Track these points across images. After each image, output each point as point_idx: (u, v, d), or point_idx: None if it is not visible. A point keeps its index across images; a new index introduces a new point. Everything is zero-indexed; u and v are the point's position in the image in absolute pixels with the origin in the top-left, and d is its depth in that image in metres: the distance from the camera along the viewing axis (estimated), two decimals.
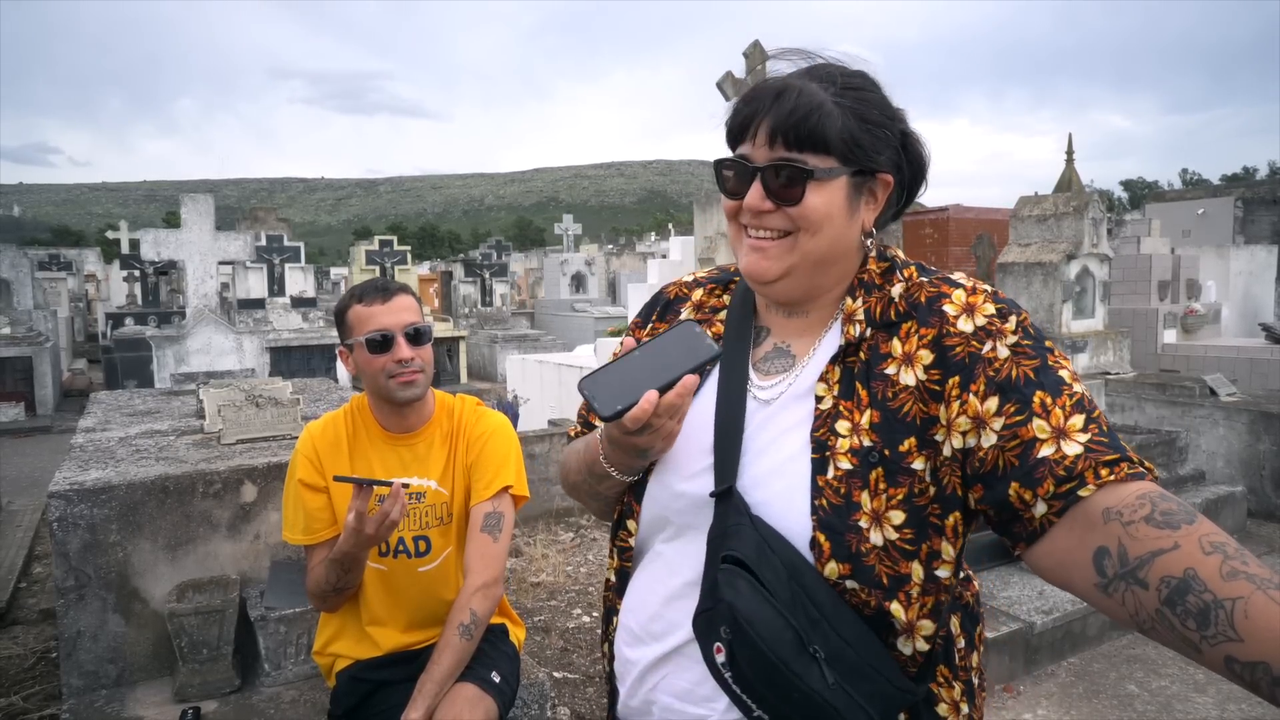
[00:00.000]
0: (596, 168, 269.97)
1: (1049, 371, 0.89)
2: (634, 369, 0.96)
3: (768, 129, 0.94)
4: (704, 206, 6.18)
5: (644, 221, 72.66)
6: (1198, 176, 55.93)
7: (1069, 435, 0.85)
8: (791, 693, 0.86)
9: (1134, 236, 10.38)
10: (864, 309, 0.99)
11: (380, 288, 1.84)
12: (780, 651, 0.86)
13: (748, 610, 0.88)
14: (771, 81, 0.97)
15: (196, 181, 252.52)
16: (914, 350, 0.94)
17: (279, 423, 3.10)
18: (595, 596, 4.30)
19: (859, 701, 0.87)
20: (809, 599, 0.89)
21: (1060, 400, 0.87)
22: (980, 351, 0.91)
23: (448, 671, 1.68)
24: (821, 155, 0.93)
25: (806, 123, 0.92)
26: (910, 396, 0.93)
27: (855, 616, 0.91)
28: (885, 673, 0.89)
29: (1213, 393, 5.84)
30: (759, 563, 0.90)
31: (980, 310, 0.93)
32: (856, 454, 0.92)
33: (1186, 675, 3.44)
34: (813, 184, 0.93)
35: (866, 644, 0.90)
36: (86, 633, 2.46)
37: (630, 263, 23.52)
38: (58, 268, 20.45)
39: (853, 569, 0.90)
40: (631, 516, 1.09)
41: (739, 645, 0.88)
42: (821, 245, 0.96)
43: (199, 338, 6.79)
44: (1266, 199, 16.66)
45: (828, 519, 0.91)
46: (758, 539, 0.92)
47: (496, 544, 1.81)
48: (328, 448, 1.87)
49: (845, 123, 0.93)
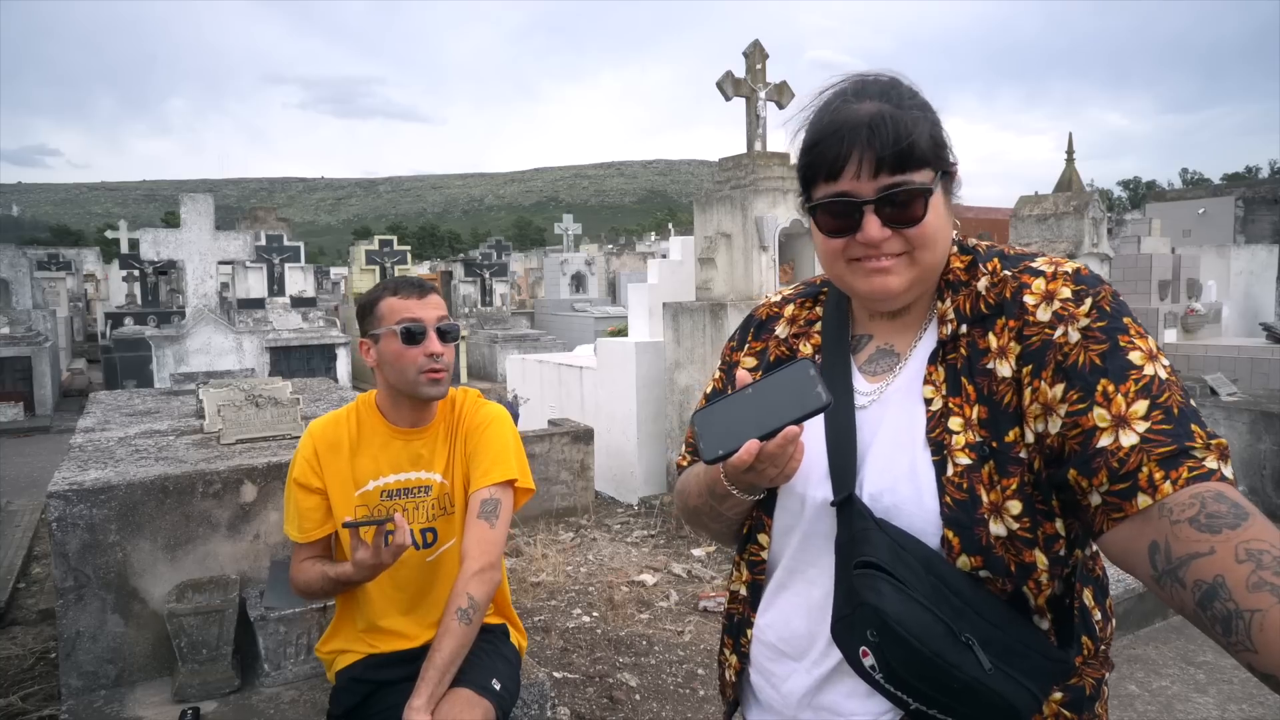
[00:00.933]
0: (596, 167, 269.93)
1: (1117, 355, 0.90)
2: (743, 409, 0.97)
3: (872, 159, 0.94)
4: (704, 206, 6.17)
5: (644, 221, 72.63)
6: (1199, 176, 55.92)
7: (1129, 423, 0.86)
8: (951, 683, 0.88)
9: (1134, 236, 10.38)
10: (954, 307, 1.01)
11: (417, 284, 1.87)
12: (934, 645, 0.87)
13: (895, 610, 0.89)
14: (851, 113, 0.96)
15: (196, 181, 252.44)
16: (1006, 344, 0.96)
17: (279, 422, 3.10)
18: (595, 596, 4.30)
19: (1019, 680, 0.89)
20: (950, 590, 0.91)
21: (1124, 386, 0.87)
22: (1052, 337, 0.93)
23: (449, 658, 1.68)
24: (921, 171, 0.95)
25: (908, 144, 0.94)
26: (1008, 388, 0.95)
27: (996, 599, 0.93)
28: (1037, 648, 0.92)
29: (1213, 392, 5.84)
30: (894, 563, 0.92)
31: (1057, 296, 0.95)
32: (973, 448, 0.94)
33: (1187, 675, 3.43)
34: (926, 204, 0.96)
35: (1013, 624, 0.92)
36: (86, 633, 2.46)
37: (630, 262, 23.52)
38: (57, 267, 20.46)
39: (984, 560, 0.93)
40: (763, 530, 1.11)
41: (889, 646, 0.90)
42: (939, 255, 1.00)
43: (198, 337, 6.79)
44: (1267, 198, 16.66)
45: (954, 515, 0.94)
46: (888, 541, 0.94)
47: (494, 530, 1.80)
48: (328, 449, 1.87)
49: (929, 134, 0.96)
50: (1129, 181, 57.50)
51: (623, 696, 3.28)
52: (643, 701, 3.25)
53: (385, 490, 1.87)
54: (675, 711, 3.19)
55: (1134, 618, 3.81)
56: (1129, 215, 17.23)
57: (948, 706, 0.91)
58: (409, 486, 1.89)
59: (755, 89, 6.06)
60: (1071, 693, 0.98)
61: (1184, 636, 3.77)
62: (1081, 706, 0.99)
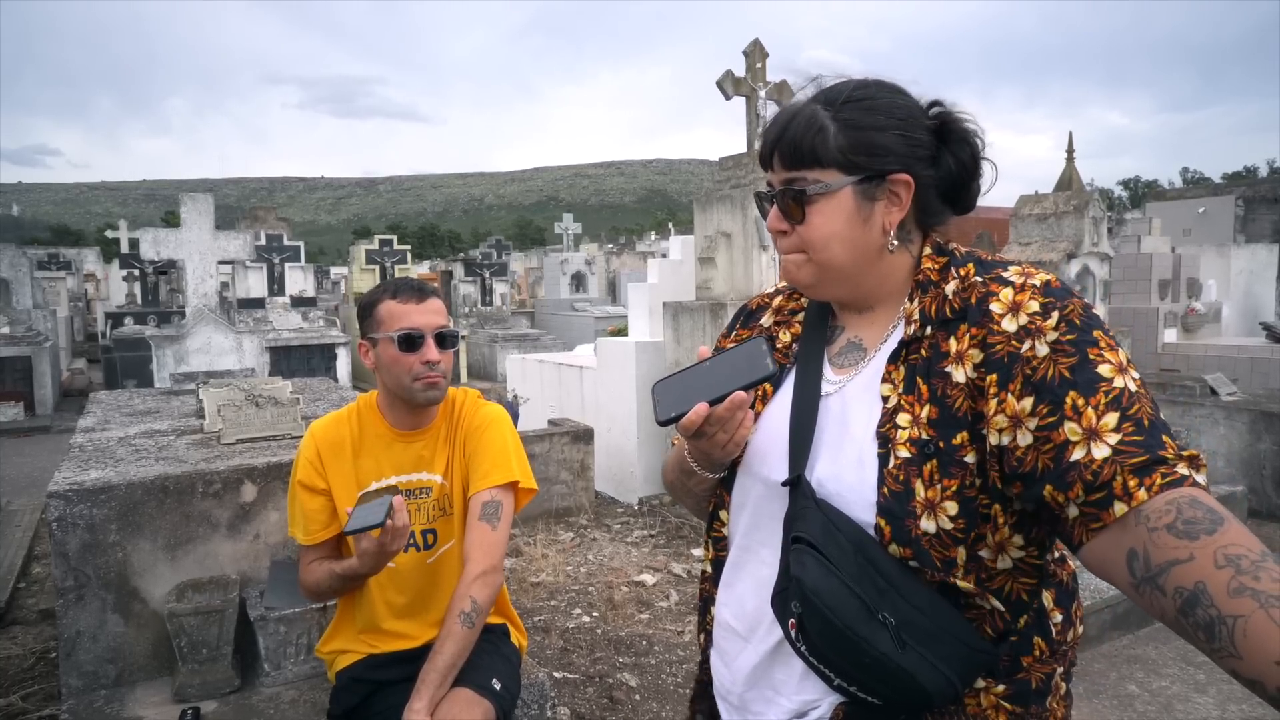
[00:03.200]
0: (596, 167, 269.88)
1: (1086, 368, 0.90)
2: (699, 379, 1.04)
3: (779, 155, 1.02)
4: (704, 206, 6.17)
5: (644, 221, 72.63)
6: (1199, 175, 55.85)
7: (1100, 436, 0.86)
8: (862, 658, 0.92)
9: (1134, 235, 10.38)
10: (920, 308, 1.02)
11: (416, 287, 1.85)
12: (846, 618, 0.92)
13: (813, 582, 0.94)
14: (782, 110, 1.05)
15: (196, 181, 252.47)
16: (965, 349, 0.97)
17: (279, 422, 3.10)
18: (595, 596, 4.30)
19: (934, 664, 0.91)
20: (877, 572, 0.94)
21: (1094, 399, 0.87)
22: (1019, 351, 0.93)
23: (451, 661, 1.68)
24: (823, 170, 1.00)
25: (803, 143, 1.00)
26: (961, 393, 0.96)
27: (924, 586, 0.95)
28: (960, 636, 0.94)
29: (1213, 392, 5.84)
30: (824, 541, 0.96)
31: (1024, 309, 0.95)
32: (915, 444, 0.96)
33: (1187, 675, 3.43)
34: (814, 203, 1.00)
35: (938, 610, 0.94)
36: (86, 633, 2.46)
37: (630, 262, 23.51)
38: (57, 267, 20.46)
39: (913, 552, 0.95)
40: (724, 507, 1.17)
41: (808, 617, 0.94)
42: (836, 257, 1.03)
43: (198, 337, 6.79)
44: (1267, 198, 16.66)
45: (887, 505, 0.96)
46: (823, 519, 0.98)
47: (495, 532, 1.80)
48: (330, 449, 1.87)
49: (844, 136, 0.98)
50: (1128, 181, 57.47)
51: (623, 696, 3.28)
52: (643, 701, 3.25)
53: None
54: (675, 711, 3.19)
55: (1134, 618, 3.81)
56: (1129, 214, 17.22)
57: (865, 684, 0.94)
58: (411, 488, 1.89)
59: (755, 88, 6.06)
60: (1015, 686, 0.99)
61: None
62: (1028, 700, 1.00)
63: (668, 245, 7.96)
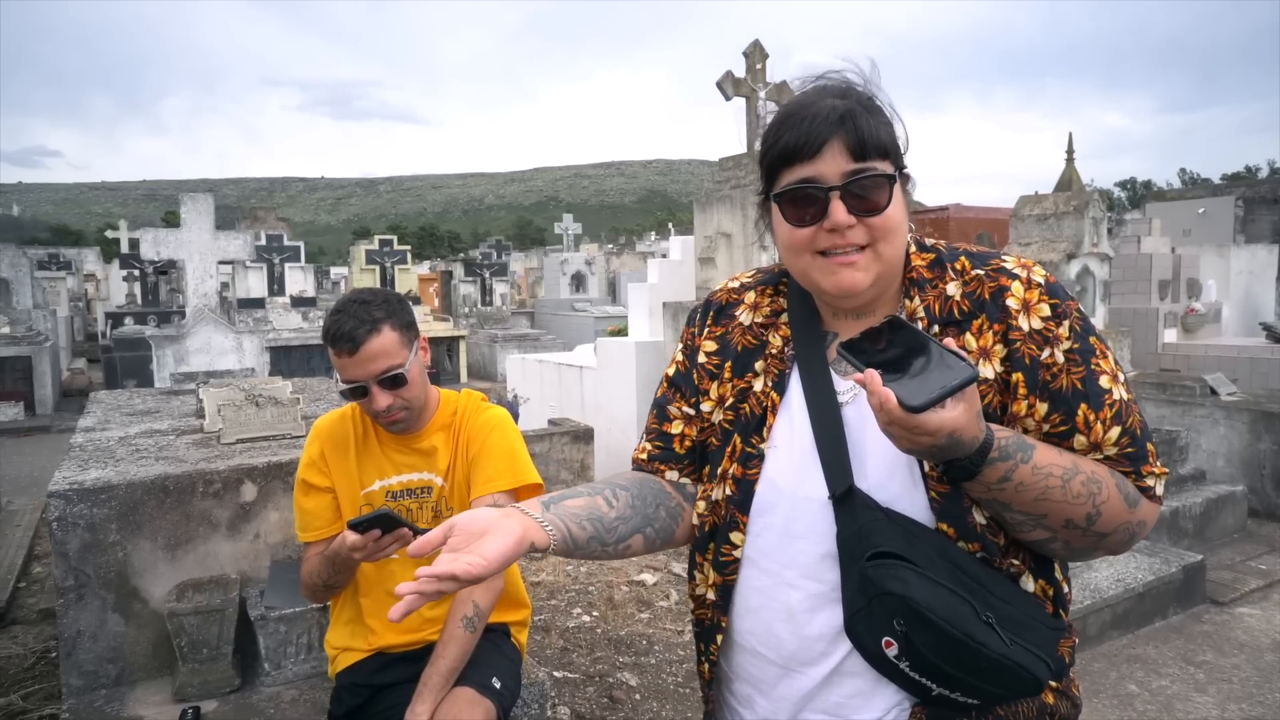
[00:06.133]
0: (596, 167, 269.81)
1: (1092, 380, 0.97)
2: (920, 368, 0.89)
3: (843, 145, 0.95)
4: (704, 206, 6.17)
5: (644, 221, 72.57)
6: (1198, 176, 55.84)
7: (1102, 449, 0.97)
8: (980, 663, 0.91)
9: (1134, 236, 10.37)
10: (923, 307, 1.02)
11: (348, 336, 1.68)
12: (963, 626, 0.91)
13: (922, 596, 0.91)
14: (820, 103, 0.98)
15: (196, 181, 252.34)
16: (990, 345, 0.98)
17: (279, 422, 3.10)
18: (595, 596, 4.30)
19: (1034, 652, 0.94)
20: (963, 573, 0.94)
21: (1102, 414, 0.96)
22: (1040, 357, 0.97)
23: (452, 665, 1.68)
24: (884, 161, 0.97)
25: (878, 133, 0.96)
26: (990, 389, 0.98)
27: (1003, 577, 0.98)
28: (1040, 619, 0.97)
29: (1213, 392, 5.84)
30: (911, 551, 0.93)
31: (1035, 310, 0.98)
32: None
33: (1187, 675, 3.43)
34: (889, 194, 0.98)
35: (1019, 599, 0.97)
36: (86, 632, 2.46)
37: (630, 262, 23.51)
38: (57, 267, 20.44)
39: (981, 545, 0.97)
40: (737, 529, 1.08)
41: (917, 632, 0.91)
42: (899, 248, 1.02)
43: (199, 337, 6.79)
44: (1267, 198, 16.65)
45: (943, 506, 0.97)
46: (901, 529, 0.95)
47: None
48: (333, 448, 1.88)
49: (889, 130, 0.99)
50: (1126, 181, 57.42)
51: (623, 696, 3.28)
52: (643, 701, 3.25)
53: (389, 491, 1.88)
54: (675, 711, 3.19)
55: (1134, 618, 3.81)
56: (1129, 215, 17.22)
57: (972, 687, 0.93)
58: (412, 488, 1.89)
59: (755, 89, 6.06)
60: (1056, 664, 1.01)
61: (1184, 636, 3.78)
62: (1063, 674, 1.04)
63: (668, 245, 7.96)
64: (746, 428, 1.09)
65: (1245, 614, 4.00)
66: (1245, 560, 4.62)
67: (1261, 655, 3.56)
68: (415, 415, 1.84)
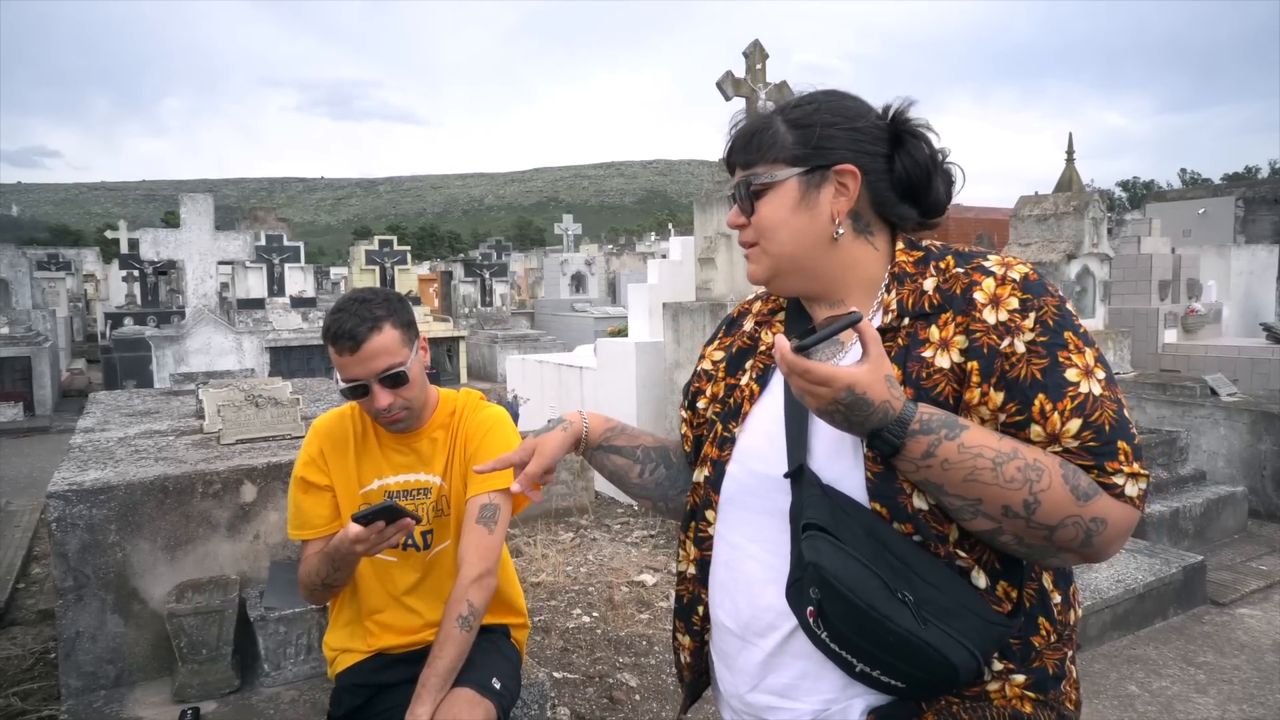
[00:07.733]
0: (596, 167, 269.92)
1: (1055, 372, 0.96)
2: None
3: (734, 157, 1.13)
4: (704, 206, 6.17)
5: (644, 221, 72.58)
6: (1198, 176, 55.79)
7: (1061, 440, 0.95)
8: (886, 636, 0.93)
9: (1134, 236, 10.36)
10: (897, 300, 1.06)
11: (349, 334, 1.69)
12: (868, 598, 0.93)
13: (832, 565, 0.95)
14: (741, 121, 1.15)
15: (195, 181, 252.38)
16: (950, 336, 1.01)
17: (279, 423, 3.10)
18: (595, 596, 4.30)
19: (955, 639, 0.93)
20: (889, 552, 0.96)
21: (1060, 404, 0.95)
22: (999, 346, 0.98)
23: (450, 665, 1.68)
24: (770, 166, 1.07)
25: (753, 143, 1.09)
26: (944, 378, 1.00)
27: (937, 562, 0.98)
28: (975, 609, 0.97)
29: (1213, 393, 5.84)
30: (835, 525, 0.98)
31: (1004, 304, 0.99)
32: None
33: (1187, 675, 3.43)
34: (763, 195, 1.08)
35: (952, 586, 0.97)
36: (85, 633, 2.46)
37: (630, 262, 23.51)
38: (56, 267, 20.44)
39: (914, 527, 0.98)
40: (710, 506, 1.17)
41: (828, 601, 0.95)
42: (786, 245, 1.08)
43: (198, 337, 6.78)
44: (1267, 198, 16.65)
45: (877, 486, 0.99)
46: (831, 504, 1.00)
47: (492, 535, 1.80)
48: (332, 447, 1.87)
49: (791, 133, 1.06)
50: (1126, 182, 57.39)
51: (623, 696, 3.27)
52: (643, 701, 3.25)
53: (388, 491, 1.88)
54: (675, 712, 3.19)
55: (1134, 618, 3.81)
56: (1129, 215, 17.22)
57: (889, 665, 0.95)
58: (410, 488, 1.89)
59: (755, 89, 6.05)
60: (1035, 675, 1.02)
61: (1184, 636, 3.77)
62: (1047, 687, 1.03)
63: (667, 246, 7.96)
64: (727, 416, 1.18)
65: (1246, 615, 4.00)
66: (1246, 561, 4.61)
67: (1262, 656, 3.56)
68: (415, 415, 1.84)
